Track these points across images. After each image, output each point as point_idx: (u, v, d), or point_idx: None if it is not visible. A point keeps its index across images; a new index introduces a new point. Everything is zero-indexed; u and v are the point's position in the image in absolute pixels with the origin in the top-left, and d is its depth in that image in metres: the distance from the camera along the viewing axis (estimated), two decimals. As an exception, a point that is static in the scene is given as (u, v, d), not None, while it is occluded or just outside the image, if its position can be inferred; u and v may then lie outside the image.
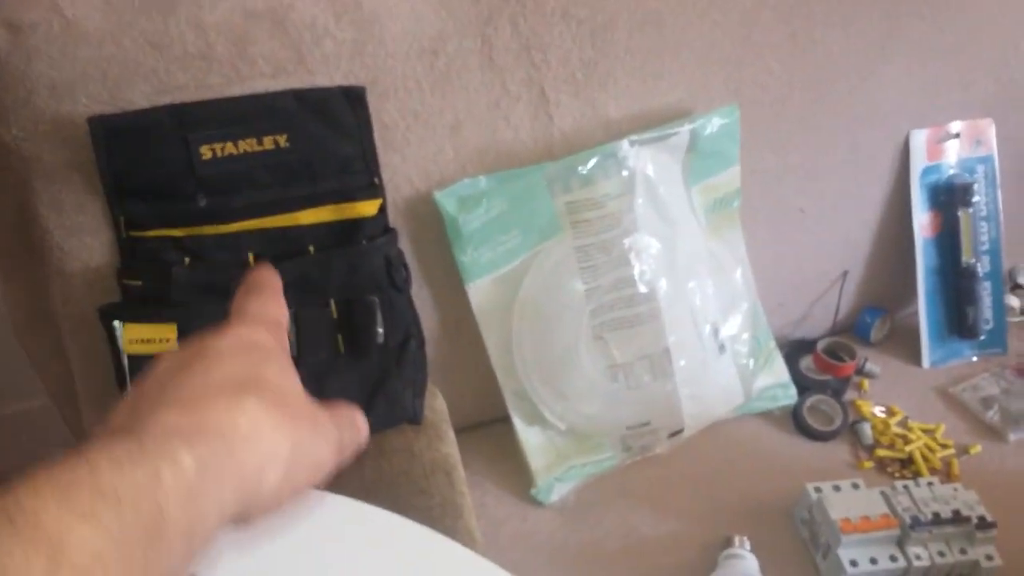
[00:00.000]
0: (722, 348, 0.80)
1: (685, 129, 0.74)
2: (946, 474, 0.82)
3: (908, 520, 0.71)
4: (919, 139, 0.86)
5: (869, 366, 0.91)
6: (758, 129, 0.81)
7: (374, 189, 0.71)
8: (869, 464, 0.83)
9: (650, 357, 0.76)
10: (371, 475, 0.70)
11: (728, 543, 0.73)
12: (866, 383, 0.91)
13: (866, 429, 0.85)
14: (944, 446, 0.83)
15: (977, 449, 0.84)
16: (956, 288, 0.90)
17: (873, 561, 0.71)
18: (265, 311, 0.37)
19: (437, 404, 0.77)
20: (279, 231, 0.70)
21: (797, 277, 0.92)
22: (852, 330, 0.96)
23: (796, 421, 0.86)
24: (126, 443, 0.26)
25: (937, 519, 0.72)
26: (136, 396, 0.30)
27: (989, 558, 0.71)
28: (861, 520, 0.72)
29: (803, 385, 0.88)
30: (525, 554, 0.77)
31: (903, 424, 0.86)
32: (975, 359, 0.93)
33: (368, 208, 0.72)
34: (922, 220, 0.89)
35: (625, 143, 0.72)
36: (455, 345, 0.80)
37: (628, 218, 0.74)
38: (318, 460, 0.32)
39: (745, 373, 0.82)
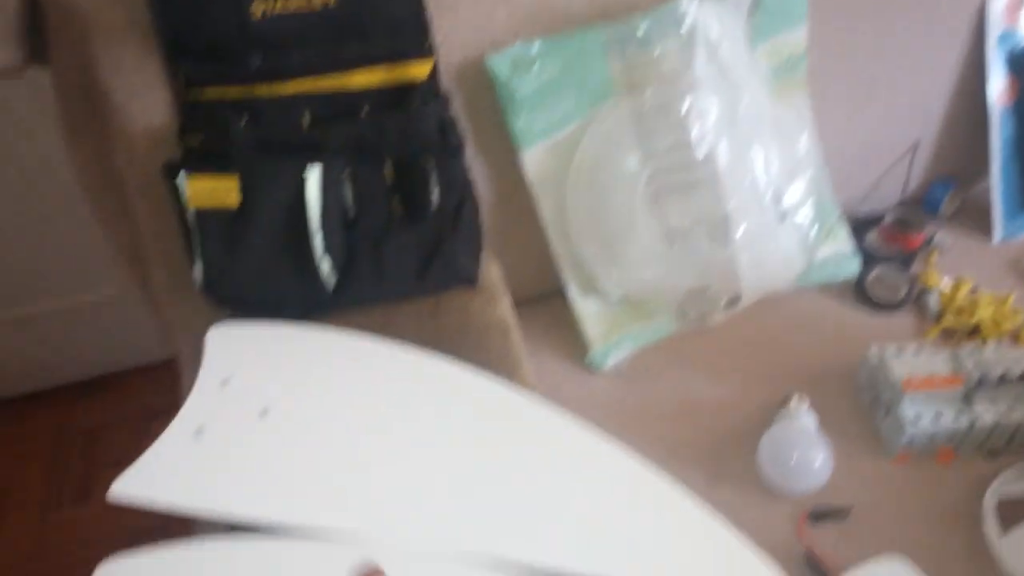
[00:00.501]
0: (784, 215, 0.78)
1: (748, -21, 0.71)
2: (1015, 339, 0.79)
3: (977, 377, 0.70)
4: (997, 2, 0.81)
5: (939, 238, 0.88)
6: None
7: (426, 50, 0.71)
8: (935, 332, 0.80)
9: (708, 222, 0.75)
10: (429, 332, 0.71)
11: (785, 402, 0.72)
12: (935, 256, 0.87)
13: (933, 299, 0.82)
14: (1015, 315, 0.81)
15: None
16: (1029, 157, 0.86)
17: (939, 416, 0.70)
18: None
19: (493, 271, 0.77)
20: (333, 93, 0.70)
21: (867, 148, 0.88)
22: (922, 204, 0.93)
23: (859, 292, 0.84)
24: None
25: (1005, 378, 0.70)
26: None
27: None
28: (925, 379, 0.71)
29: (870, 259, 0.86)
30: (580, 414, 0.77)
31: (972, 294, 0.83)
32: (1051, 232, 0.89)
33: (420, 70, 0.71)
34: (998, 87, 0.84)
35: (684, -1, 0.69)
36: (510, 214, 0.79)
37: (686, 79, 0.72)
38: None
39: (806, 241, 0.80)
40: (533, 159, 0.76)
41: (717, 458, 0.72)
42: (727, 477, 0.70)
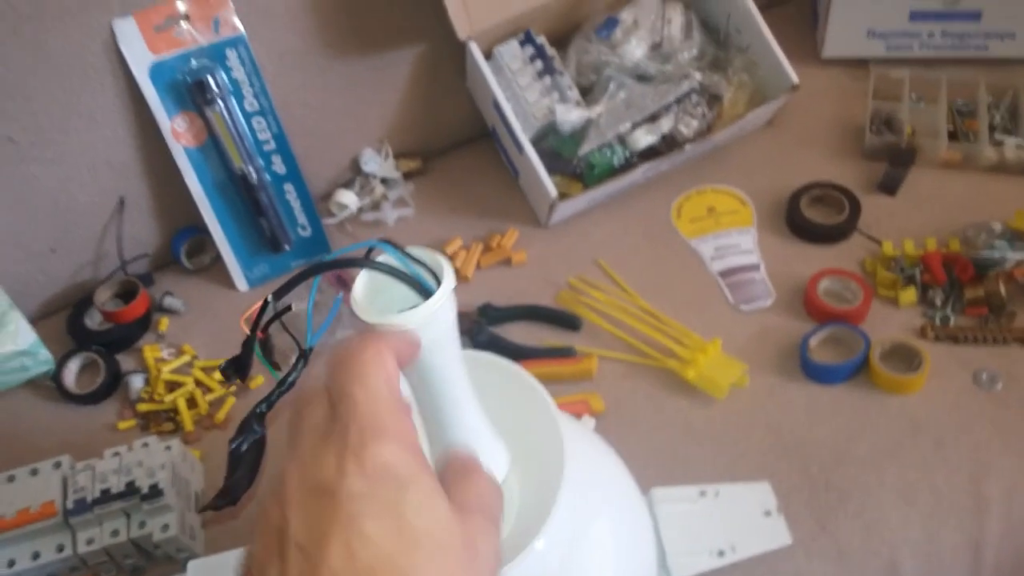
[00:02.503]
0: None
1: None
2: (212, 419, 0.73)
3: (72, 505, 0.63)
4: (128, 30, 0.71)
5: (169, 300, 0.80)
6: None
7: None
8: (131, 423, 0.73)
9: None
10: None
11: None
12: (164, 322, 0.80)
13: (136, 381, 0.74)
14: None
15: (260, 381, 0.76)
16: (244, 199, 0.79)
17: (36, 556, 0.62)
18: (378, 398, 0.32)
19: None
20: None
21: (58, 215, 0.77)
22: (174, 261, 0.84)
23: (59, 387, 0.75)
24: None
25: (106, 495, 0.62)
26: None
27: (165, 528, 0.63)
28: (19, 513, 0.63)
29: (92, 342, 0.77)
30: None
31: (187, 367, 0.77)
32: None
33: None
34: (176, 127, 0.75)
35: None
36: None
37: None
38: (491, 569, 0.33)
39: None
40: None
41: None
42: None
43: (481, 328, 0.77)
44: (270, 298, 0.36)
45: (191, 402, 0.73)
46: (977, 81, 0.89)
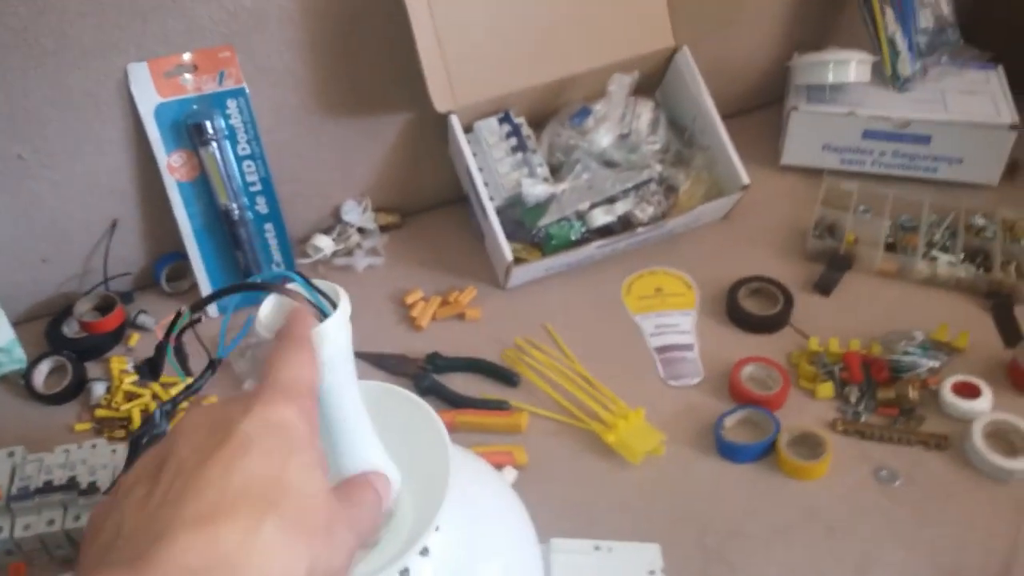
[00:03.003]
0: None
1: None
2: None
3: (15, 491, 0.67)
4: (141, 73, 0.79)
5: (142, 318, 0.86)
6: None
7: None
8: (87, 426, 0.78)
9: None
10: None
11: None
12: (135, 337, 0.86)
13: (98, 388, 0.80)
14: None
15: (214, 399, 0.81)
16: (225, 233, 0.86)
17: (-35, 536, 0.67)
18: (300, 378, 0.36)
19: None
20: None
21: (54, 230, 0.84)
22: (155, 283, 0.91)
23: (28, 386, 0.80)
24: None
25: (48, 486, 0.67)
26: (150, 494, 0.31)
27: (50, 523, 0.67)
28: (-37, 495, 0.68)
29: (66, 347, 0.83)
30: None
31: (146, 381, 0.82)
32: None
33: None
34: (172, 162, 0.83)
35: None
36: None
37: None
38: (332, 571, 0.33)
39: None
40: None
41: None
42: None
43: (426, 375, 0.82)
44: (183, 308, 0.42)
45: (145, 413, 0.78)
46: (922, 200, 0.95)
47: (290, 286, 0.41)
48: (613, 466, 0.74)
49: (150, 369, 0.43)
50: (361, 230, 0.96)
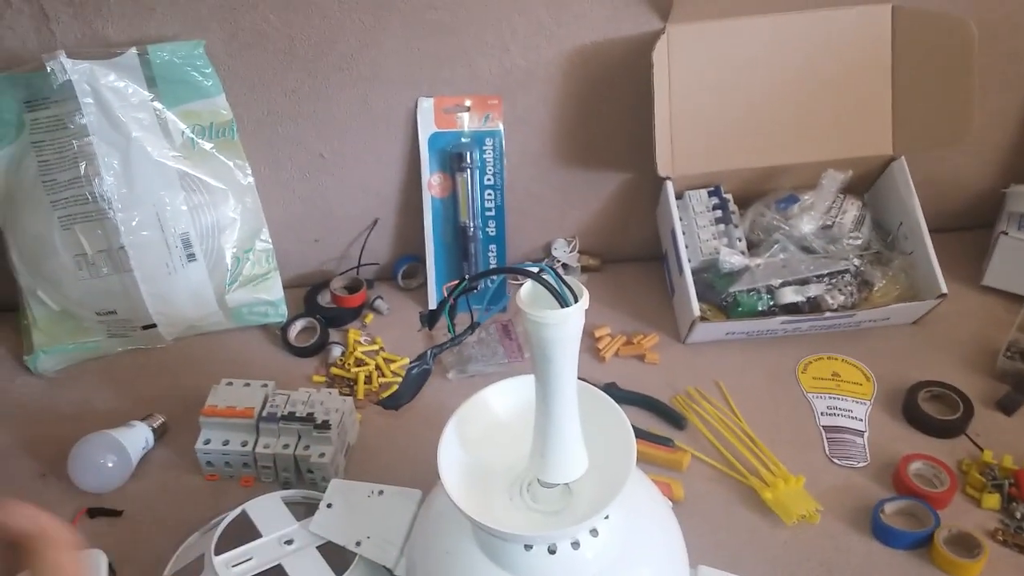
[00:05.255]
0: (192, 257, 0.92)
1: (131, 52, 0.86)
2: (377, 395, 0.92)
3: (265, 414, 0.83)
4: (426, 106, 0.97)
5: (379, 303, 1.02)
6: (266, 73, 0.93)
7: None
8: (322, 379, 0.94)
9: (108, 252, 0.89)
10: None
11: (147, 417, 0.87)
12: (370, 317, 1.02)
13: (336, 350, 0.96)
14: (396, 373, 0.94)
15: (422, 382, 0.94)
16: (458, 245, 1.00)
17: (225, 442, 0.82)
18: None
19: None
20: None
21: (330, 218, 1.03)
22: (392, 274, 1.07)
23: (284, 337, 0.98)
24: None
25: (291, 416, 0.82)
26: None
27: (321, 455, 0.81)
28: (226, 408, 0.83)
29: (318, 313, 1.01)
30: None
31: (374, 353, 0.97)
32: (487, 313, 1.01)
33: None
34: (431, 180, 0.99)
35: (62, 54, 0.84)
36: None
37: (78, 123, 0.86)
38: None
39: (221, 284, 0.95)
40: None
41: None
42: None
43: (603, 402, 0.91)
44: (467, 277, 0.54)
45: (368, 379, 0.93)
46: None
47: (545, 276, 0.52)
48: (765, 522, 0.79)
49: (430, 318, 0.55)
50: (565, 266, 1.08)
